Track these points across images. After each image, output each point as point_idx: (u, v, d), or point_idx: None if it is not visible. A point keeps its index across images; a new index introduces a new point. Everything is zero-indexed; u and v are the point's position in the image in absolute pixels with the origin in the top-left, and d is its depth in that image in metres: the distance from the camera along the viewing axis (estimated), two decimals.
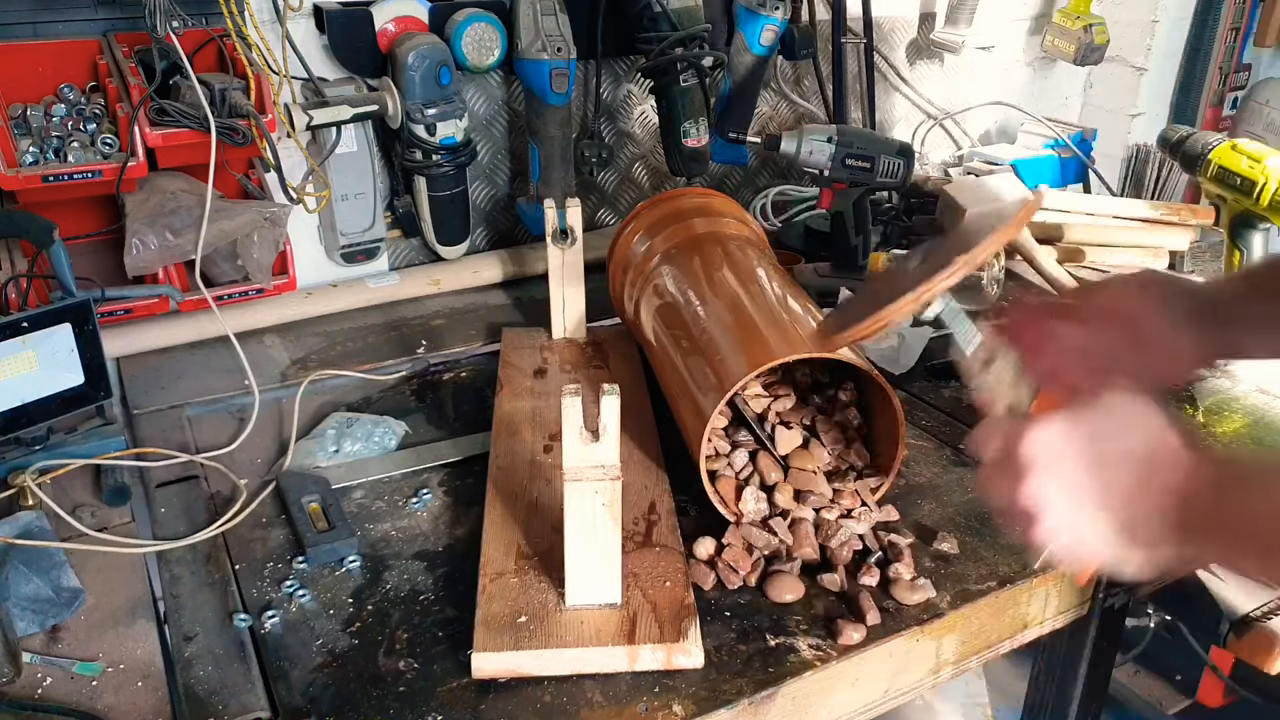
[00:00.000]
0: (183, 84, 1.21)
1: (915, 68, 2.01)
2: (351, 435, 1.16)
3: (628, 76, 1.68)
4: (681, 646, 0.84)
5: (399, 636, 0.89)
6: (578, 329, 1.35)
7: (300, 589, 0.94)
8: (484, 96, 1.57)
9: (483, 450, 1.13)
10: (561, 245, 1.27)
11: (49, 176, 1.15)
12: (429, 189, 1.48)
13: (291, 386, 1.27)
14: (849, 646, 0.88)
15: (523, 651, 0.83)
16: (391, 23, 1.41)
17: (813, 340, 0.98)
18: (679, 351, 1.10)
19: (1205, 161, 1.37)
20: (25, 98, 1.25)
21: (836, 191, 1.49)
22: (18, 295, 1.14)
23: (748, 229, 1.31)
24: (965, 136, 2.10)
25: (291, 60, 1.35)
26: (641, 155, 1.77)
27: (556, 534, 0.91)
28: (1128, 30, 2.11)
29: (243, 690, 0.83)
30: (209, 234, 1.25)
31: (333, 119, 1.36)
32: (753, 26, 1.57)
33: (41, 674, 0.84)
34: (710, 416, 0.96)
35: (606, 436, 0.82)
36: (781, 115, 1.89)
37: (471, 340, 1.42)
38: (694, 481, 1.00)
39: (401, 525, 1.04)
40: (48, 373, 1.07)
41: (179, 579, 0.96)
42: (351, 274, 1.54)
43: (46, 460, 1.06)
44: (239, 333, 1.29)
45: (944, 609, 0.93)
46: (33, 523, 0.94)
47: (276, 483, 1.08)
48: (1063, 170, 1.94)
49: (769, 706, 0.84)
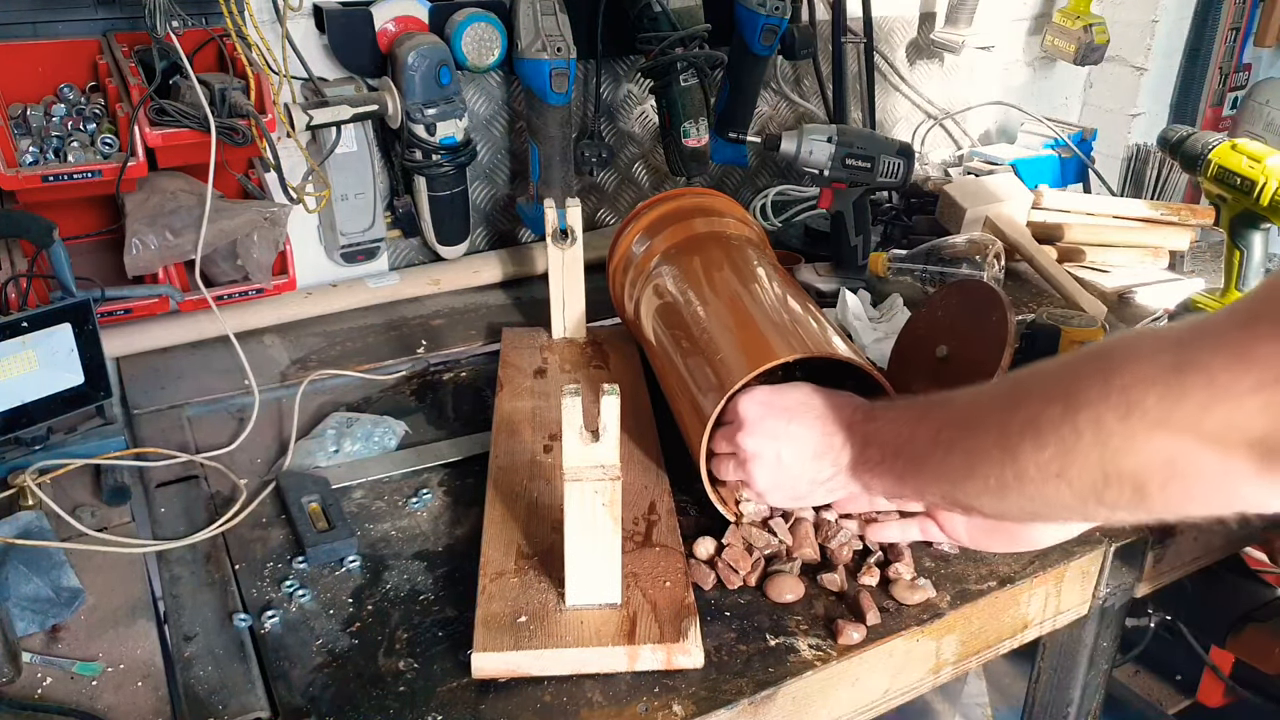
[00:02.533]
0: (183, 84, 1.21)
1: (915, 68, 2.01)
2: (351, 435, 1.16)
3: (628, 76, 1.68)
4: (681, 646, 0.84)
5: (399, 636, 0.89)
6: (578, 329, 1.35)
7: (300, 589, 0.94)
8: (484, 96, 1.57)
9: (483, 450, 1.13)
10: (561, 245, 1.27)
11: (49, 176, 1.14)
12: (429, 189, 1.47)
13: (291, 386, 1.27)
14: (849, 646, 0.88)
15: (523, 651, 0.83)
16: (391, 23, 1.41)
17: (816, 343, 0.98)
18: (679, 351, 1.10)
19: (1205, 161, 1.37)
20: (25, 98, 1.25)
21: (836, 191, 1.49)
22: (18, 295, 1.14)
23: (748, 229, 1.31)
24: (965, 136, 2.10)
25: (291, 60, 1.35)
26: (641, 155, 1.77)
27: (556, 534, 0.91)
28: (1128, 30, 2.11)
29: (243, 690, 0.83)
30: (209, 234, 1.25)
31: (333, 119, 1.36)
32: (753, 26, 1.57)
33: (41, 674, 0.84)
34: (710, 416, 0.96)
35: (606, 436, 0.82)
36: (781, 115, 1.89)
37: (471, 340, 1.42)
38: (694, 481, 1.00)
39: (401, 525, 1.04)
40: (48, 373, 1.07)
41: (179, 579, 0.96)
42: (351, 274, 1.54)
43: (46, 460, 1.06)
44: (239, 333, 1.29)
45: (944, 609, 0.93)
46: (33, 523, 0.94)
47: (276, 483, 1.08)
48: (1063, 170, 1.94)
49: (769, 706, 0.84)
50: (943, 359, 1.14)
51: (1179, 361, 0.59)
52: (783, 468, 0.91)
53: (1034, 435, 0.66)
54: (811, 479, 0.91)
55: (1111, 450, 0.61)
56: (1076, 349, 0.71)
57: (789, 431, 0.91)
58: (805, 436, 0.90)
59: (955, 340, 1.14)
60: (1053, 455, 0.65)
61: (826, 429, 0.90)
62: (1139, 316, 1.51)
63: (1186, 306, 1.42)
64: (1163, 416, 0.59)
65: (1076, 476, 0.64)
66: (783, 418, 0.91)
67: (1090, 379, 0.63)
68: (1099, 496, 0.64)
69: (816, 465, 0.90)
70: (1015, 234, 1.62)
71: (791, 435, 0.91)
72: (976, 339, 1.11)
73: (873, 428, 0.87)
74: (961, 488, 0.74)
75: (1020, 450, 0.67)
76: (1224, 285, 1.39)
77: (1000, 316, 1.09)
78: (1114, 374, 0.61)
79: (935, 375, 1.09)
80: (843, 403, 0.92)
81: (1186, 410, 0.58)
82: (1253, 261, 1.37)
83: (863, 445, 0.87)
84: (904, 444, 0.82)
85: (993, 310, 1.10)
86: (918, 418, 0.81)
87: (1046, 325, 1.35)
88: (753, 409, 0.92)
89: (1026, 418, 0.67)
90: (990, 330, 1.09)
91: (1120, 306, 1.56)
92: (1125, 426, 0.60)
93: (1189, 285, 1.59)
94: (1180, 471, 0.59)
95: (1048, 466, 0.65)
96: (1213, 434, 0.57)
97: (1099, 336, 1.33)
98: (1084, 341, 1.32)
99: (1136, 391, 0.60)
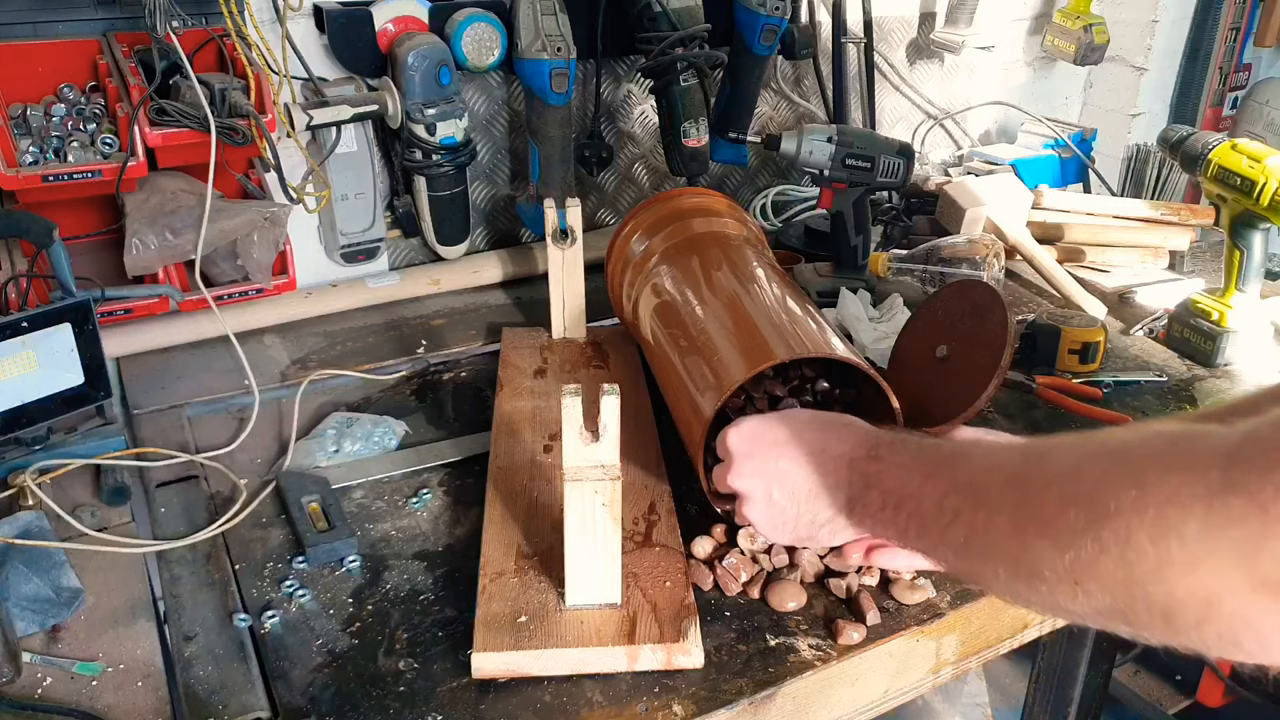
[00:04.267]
0: (183, 84, 1.21)
1: (915, 68, 2.01)
2: (351, 435, 1.16)
3: (628, 76, 1.68)
4: (681, 646, 0.84)
5: (399, 636, 0.89)
6: (578, 329, 1.35)
7: (300, 589, 0.94)
8: (484, 96, 1.57)
9: (483, 450, 1.13)
10: (561, 245, 1.27)
11: (49, 176, 1.14)
12: (429, 189, 1.47)
13: (291, 386, 1.27)
14: (849, 646, 0.88)
15: (523, 651, 0.83)
16: (391, 23, 1.41)
17: (814, 344, 0.98)
18: (678, 351, 1.10)
19: (1205, 161, 1.37)
20: (25, 98, 1.25)
21: (836, 191, 1.49)
22: (18, 295, 1.14)
23: (747, 229, 1.31)
24: (965, 136, 2.10)
25: (291, 60, 1.34)
26: (641, 155, 1.77)
27: (556, 534, 0.91)
28: (1128, 30, 2.11)
29: (243, 690, 0.83)
30: (209, 234, 1.25)
31: (333, 119, 1.36)
32: (753, 26, 1.57)
33: (41, 674, 0.84)
34: (709, 416, 0.96)
35: (606, 436, 0.82)
36: (781, 115, 1.89)
37: (471, 340, 1.42)
38: (694, 481, 1.00)
39: (401, 525, 1.04)
40: (47, 373, 1.07)
41: (179, 579, 0.96)
42: (351, 274, 1.54)
43: (46, 460, 1.06)
44: (239, 333, 1.29)
45: (944, 609, 0.93)
46: (33, 523, 0.94)
47: (276, 483, 1.08)
48: (1063, 170, 1.94)
49: (769, 706, 0.84)
50: (943, 359, 1.14)
51: (1229, 481, 0.48)
52: (775, 508, 0.84)
53: (1051, 537, 0.57)
54: (810, 521, 0.83)
55: (1140, 574, 0.52)
56: (1109, 430, 0.60)
57: (778, 471, 0.83)
58: (796, 475, 0.83)
59: (955, 340, 1.14)
60: (1071, 563, 0.55)
61: (820, 466, 0.82)
62: (1139, 316, 1.51)
63: (1186, 306, 1.42)
64: (1205, 549, 0.49)
65: (1097, 591, 0.55)
66: (770, 455, 0.84)
67: (1120, 484, 0.53)
68: (1122, 615, 0.55)
69: (812, 506, 0.82)
70: (1015, 234, 1.62)
71: (781, 474, 0.83)
72: (976, 339, 1.11)
73: (875, 469, 0.77)
74: (968, 564, 0.67)
75: (1035, 548, 0.58)
76: (1224, 285, 1.39)
77: (1000, 316, 1.09)
78: (1150, 486, 0.52)
79: (935, 375, 1.09)
80: (843, 434, 0.83)
81: (1234, 544, 0.48)
82: (1253, 261, 1.37)
83: (863, 487, 0.78)
84: (907, 497, 0.73)
85: (993, 310, 1.10)
86: (926, 473, 0.72)
87: (1046, 325, 1.35)
88: (739, 445, 0.86)
89: (1044, 515, 0.58)
90: (990, 330, 1.09)
91: (1120, 306, 1.56)
92: (1158, 552, 0.51)
93: (1189, 285, 1.59)
94: (1220, 614, 0.50)
95: (1064, 573, 0.56)
96: (1266, 578, 0.48)
97: (1099, 337, 1.33)
98: (1084, 341, 1.32)
99: (1175, 513, 0.50)
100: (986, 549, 0.63)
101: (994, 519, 0.62)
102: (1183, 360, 1.40)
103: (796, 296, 1.11)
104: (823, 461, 0.82)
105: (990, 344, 1.08)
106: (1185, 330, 1.42)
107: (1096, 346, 1.33)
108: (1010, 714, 2.09)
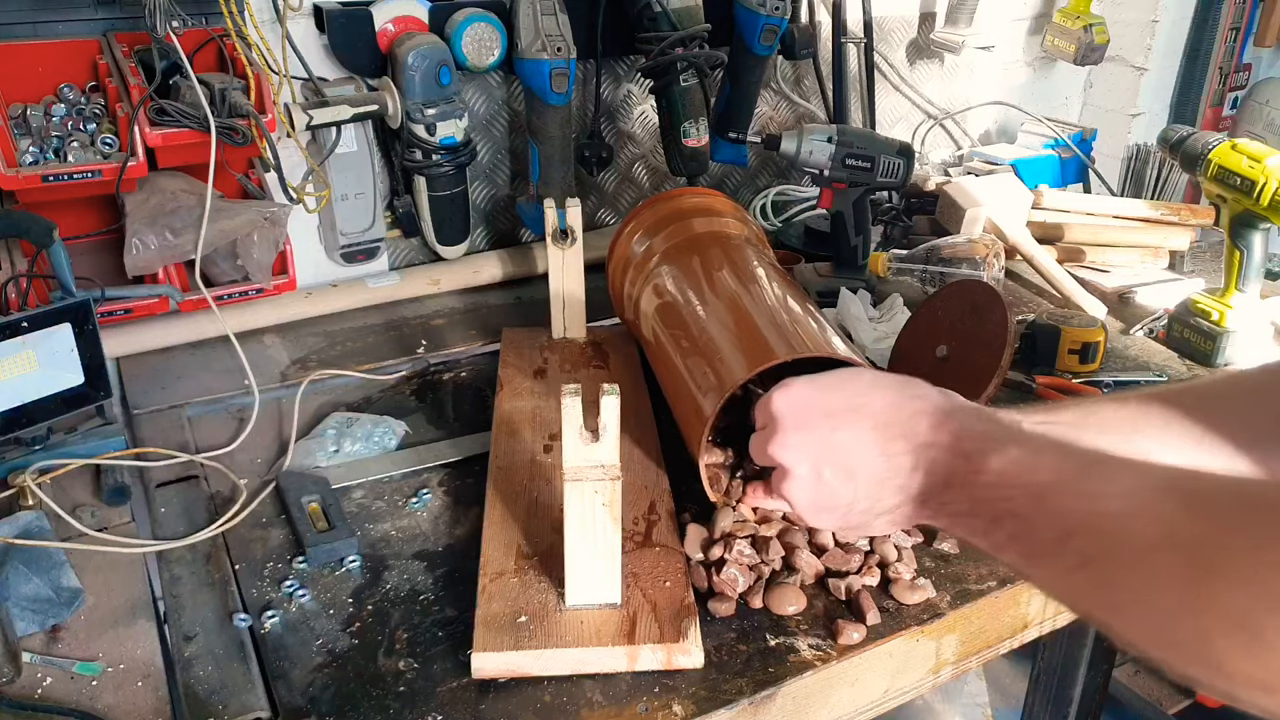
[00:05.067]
0: (183, 84, 1.21)
1: (915, 68, 2.01)
2: (351, 435, 1.16)
3: (628, 76, 1.68)
4: (681, 646, 0.84)
5: (399, 636, 0.89)
6: (578, 329, 1.34)
7: (300, 589, 0.94)
8: (484, 96, 1.57)
9: (483, 450, 1.13)
10: (561, 245, 1.27)
11: (49, 176, 1.14)
12: (429, 189, 1.47)
13: (291, 386, 1.27)
14: (849, 646, 0.88)
15: (523, 651, 0.83)
16: (391, 23, 1.41)
17: (815, 343, 0.98)
18: (678, 351, 1.10)
19: (1205, 161, 1.37)
20: (25, 98, 1.25)
21: (836, 191, 1.49)
22: (18, 295, 1.14)
23: (748, 229, 1.31)
24: (965, 136, 2.10)
25: (291, 60, 1.35)
26: (641, 155, 1.77)
27: (556, 534, 0.91)
28: (1128, 30, 2.11)
29: (243, 690, 0.83)
30: (209, 234, 1.25)
31: (333, 119, 1.36)
32: (753, 26, 1.57)
33: (41, 674, 0.84)
34: (710, 416, 0.96)
35: (606, 436, 0.82)
36: (781, 115, 1.89)
37: (471, 340, 1.42)
38: (694, 481, 1.00)
39: (401, 525, 1.04)
40: (47, 373, 1.07)
41: (179, 579, 0.96)
42: (351, 274, 1.54)
43: (46, 460, 1.06)
44: (239, 333, 1.29)
45: (944, 609, 0.93)
46: (33, 523, 0.94)
47: (276, 483, 1.08)
48: (1063, 170, 1.94)
49: (769, 706, 0.84)
50: (943, 359, 1.14)
51: None
52: (824, 489, 0.71)
53: (1245, 639, 0.44)
54: (867, 509, 0.70)
55: None
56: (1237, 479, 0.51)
57: (833, 444, 0.70)
58: (855, 453, 0.69)
59: (955, 340, 1.14)
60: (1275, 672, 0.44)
61: (888, 445, 0.67)
62: (1139, 316, 1.51)
63: (1186, 307, 1.42)
64: None
65: None
66: (824, 425, 0.71)
67: None
68: None
69: (874, 492, 0.69)
70: (1015, 234, 1.62)
71: (837, 449, 0.70)
72: (976, 339, 1.12)
73: (962, 469, 0.63)
74: (1104, 625, 0.53)
75: (1214, 643, 0.45)
76: (1224, 285, 1.39)
77: (1000, 316, 1.09)
78: None
79: (935, 375, 1.09)
80: (918, 407, 0.68)
81: None
82: (1253, 261, 1.37)
83: (944, 484, 0.64)
84: (1007, 515, 0.59)
85: (993, 310, 1.10)
86: (1034, 493, 0.58)
87: (1046, 325, 1.35)
88: (787, 410, 0.73)
89: (1231, 605, 0.45)
90: (990, 330, 1.09)
91: (1120, 306, 1.56)
92: None
93: (1189, 285, 1.59)
94: None
95: (1258, 679, 0.44)
96: None
97: (1099, 337, 1.33)
98: (1084, 341, 1.32)
99: None
100: (1136, 619, 0.51)
101: (1156, 595, 0.49)
102: (1183, 360, 1.40)
103: (798, 296, 1.11)
104: (888, 438, 0.68)
105: (990, 344, 1.08)
106: (1185, 330, 1.42)
107: (1096, 346, 1.33)
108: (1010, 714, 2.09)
